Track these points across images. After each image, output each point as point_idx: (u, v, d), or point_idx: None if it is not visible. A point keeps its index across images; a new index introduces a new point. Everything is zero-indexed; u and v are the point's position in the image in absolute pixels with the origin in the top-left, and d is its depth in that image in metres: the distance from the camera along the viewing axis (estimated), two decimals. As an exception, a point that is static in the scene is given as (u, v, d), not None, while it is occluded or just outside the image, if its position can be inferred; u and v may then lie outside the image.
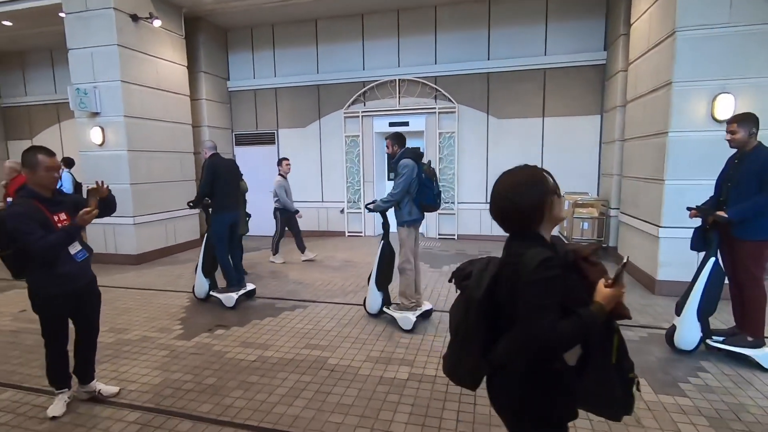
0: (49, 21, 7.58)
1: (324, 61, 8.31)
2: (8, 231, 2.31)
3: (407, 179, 3.76)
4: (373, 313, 4.16)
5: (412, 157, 3.85)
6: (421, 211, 3.93)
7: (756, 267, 3.02)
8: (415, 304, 3.95)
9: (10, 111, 10.21)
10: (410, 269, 3.93)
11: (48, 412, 2.56)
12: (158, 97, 6.96)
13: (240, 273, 4.78)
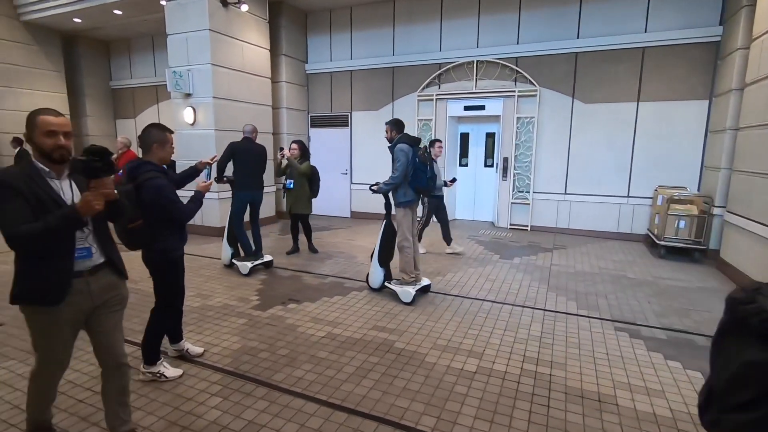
0: (151, 9, 8.25)
1: (400, 42, 8.19)
2: (151, 202, 2.49)
3: (404, 164, 4.02)
4: (376, 287, 4.42)
5: (408, 143, 4.11)
6: (416, 193, 4.18)
7: None
8: (414, 279, 4.27)
9: (118, 92, 11.40)
10: (408, 247, 4.24)
11: (170, 375, 2.76)
12: (243, 79, 7.33)
13: (258, 245, 5.22)
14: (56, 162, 1.79)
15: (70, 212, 1.68)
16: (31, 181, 1.72)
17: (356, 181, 8.99)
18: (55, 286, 1.78)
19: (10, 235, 1.64)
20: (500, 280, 4.84)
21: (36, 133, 1.76)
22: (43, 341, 1.86)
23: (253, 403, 2.50)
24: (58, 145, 1.77)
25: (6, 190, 1.67)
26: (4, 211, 1.65)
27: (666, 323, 3.72)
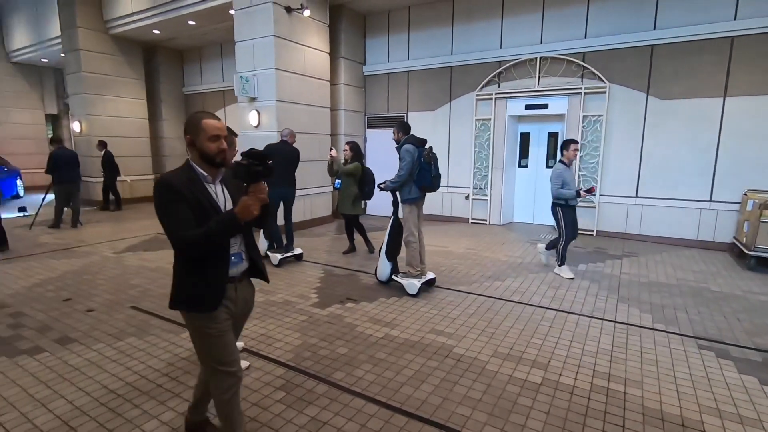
0: (221, 18, 8.77)
1: (459, 41, 8.06)
2: None
3: (409, 164, 4.21)
4: (384, 280, 4.64)
5: (414, 144, 4.29)
6: (421, 191, 4.35)
7: None
8: (420, 273, 4.47)
9: (190, 97, 12.23)
10: (414, 242, 4.42)
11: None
12: (304, 82, 7.56)
13: (289, 239, 5.62)
14: (217, 166, 1.79)
15: (231, 217, 1.65)
16: (192, 185, 1.73)
17: (411, 181, 8.94)
18: (213, 291, 1.77)
19: (176, 240, 1.66)
20: (564, 288, 4.59)
21: (201, 137, 1.74)
22: (210, 347, 1.83)
23: (315, 400, 2.54)
24: (221, 149, 1.77)
25: (174, 195, 1.67)
26: (171, 215, 1.67)
27: (761, 344, 3.33)
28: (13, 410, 2.42)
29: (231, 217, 1.66)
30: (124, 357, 3.05)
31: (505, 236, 7.16)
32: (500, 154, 7.90)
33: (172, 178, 1.71)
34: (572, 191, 4.78)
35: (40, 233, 7.32)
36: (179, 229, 1.65)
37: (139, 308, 3.97)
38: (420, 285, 4.34)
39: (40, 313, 3.84)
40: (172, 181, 1.69)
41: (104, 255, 5.93)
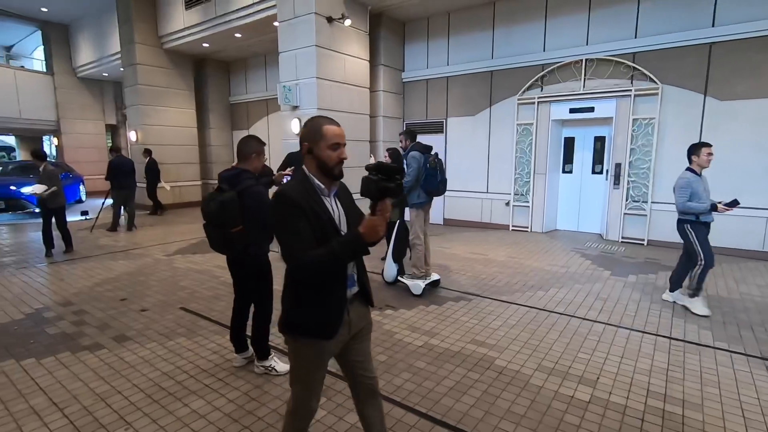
0: (266, 30, 9.09)
1: (500, 45, 7.92)
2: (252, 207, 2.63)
3: (416, 170, 4.39)
4: (390, 281, 4.84)
5: (420, 150, 4.46)
6: (428, 195, 4.50)
7: None
8: (425, 274, 4.61)
9: (235, 107, 12.74)
10: (420, 244, 4.57)
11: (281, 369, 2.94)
12: (344, 90, 7.69)
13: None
14: (335, 177, 1.61)
15: (356, 239, 1.47)
16: (310, 199, 1.56)
17: (450, 187, 8.84)
18: (332, 318, 1.61)
19: (296, 260, 1.50)
20: (613, 300, 4.37)
21: (321, 145, 1.57)
22: (308, 376, 1.69)
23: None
24: (342, 158, 1.60)
25: (295, 209, 1.51)
26: (291, 232, 1.50)
27: (841, 368, 3.02)
28: (77, 403, 2.59)
29: (356, 238, 1.47)
30: (174, 356, 3.19)
31: (549, 244, 6.93)
32: (543, 159, 7.66)
33: (291, 191, 1.54)
34: (705, 205, 3.87)
35: (100, 236, 7.84)
36: (300, 248, 1.49)
37: (188, 309, 4.15)
38: (424, 286, 4.51)
39: (99, 311, 4.10)
40: (292, 194, 1.53)
41: (156, 257, 6.26)
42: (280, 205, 1.53)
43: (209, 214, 2.63)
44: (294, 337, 1.66)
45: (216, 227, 2.66)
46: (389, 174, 1.49)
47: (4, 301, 4.39)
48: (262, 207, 2.69)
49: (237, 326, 3.02)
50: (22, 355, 3.20)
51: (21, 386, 2.77)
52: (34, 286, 4.88)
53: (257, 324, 2.93)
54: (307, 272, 1.52)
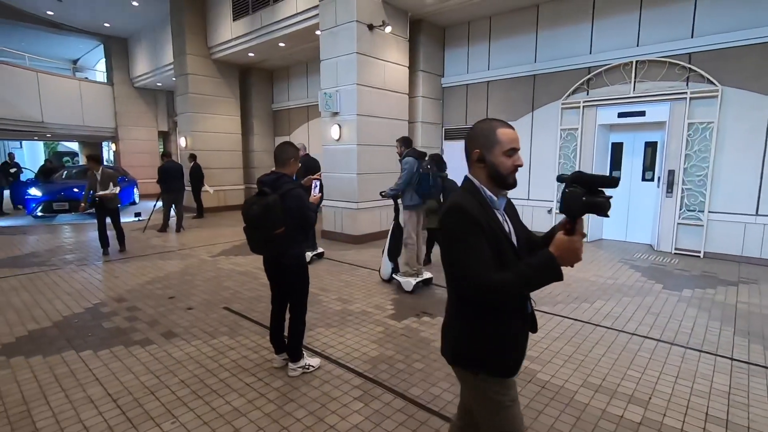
0: (308, 39, 9.33)
1: (543, 48, 7.72)
2: (294, 209, 2.75)
3: (408, 174, 4.67)
4: (386, 279, 5.14)
5: (415, 156, 4.78)
6: (420, 198, 4.76)
7: None
8: (416, 272, 4.91)
9: (277, 113, 13.14)
10: (412, 244, 4.87)
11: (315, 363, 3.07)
12: (383, 96, 7.75)
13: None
14: (511, 187, 1.42)
15: (550, 263, 1.26)
16: (485, 214, 1.37)
17: (489, 194, 8.70)
18: (517, 352, 1.43)
19: (478, 284, 1.28)
20: (665, 315, 4.10)
21: (495, 151, 1.39)
22: (494, 416, 1.44)
23: (392, 414, 2.53)
24: (517, 165, 1.41)
25: (474, 226, 1.32)
26: (471, 252, 1.30)
27: None
28: (128, 395, 2.72)
29: (551, 261, 1.26)
30: (217, 354, 3.30)
31: (594, 254, 6.63)
32: (588, 165, 7.36)
33: (468, 204, 1.36)
34: None
35: (151, 236, 8.28)
36: (482, 270, 1.28)
37: (231, 309, 4.29)
38: (415, 283, 4.79)
39: (150, 308, 4.32)
40: (470, 208, 1.34)
41: (201, 258, 6.53)
42: (458, 221, 1.34)
43: (252, 217, 2.68)
44: (469, 372, 1.44)
45: (258, 229, 2.71)
46: (590, 185, 1.25)
47: (66, 295, 4.72)
48: (302, 209, 2.82)
49: (276, 328, 3.09)
50: (81, 346, 3.42)
51: (79, 376, 2.95)
52: (93, 282, 5.22)
53: (293, 325, 2.99)
54: (489, 296, 1.31)
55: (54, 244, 7.62)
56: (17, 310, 4.25)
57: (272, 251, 2.83)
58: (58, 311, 4.22)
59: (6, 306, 4.35)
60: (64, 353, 3.30)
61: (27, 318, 4.03)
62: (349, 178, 7.49)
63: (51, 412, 2.53)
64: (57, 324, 3.89)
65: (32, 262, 6.24)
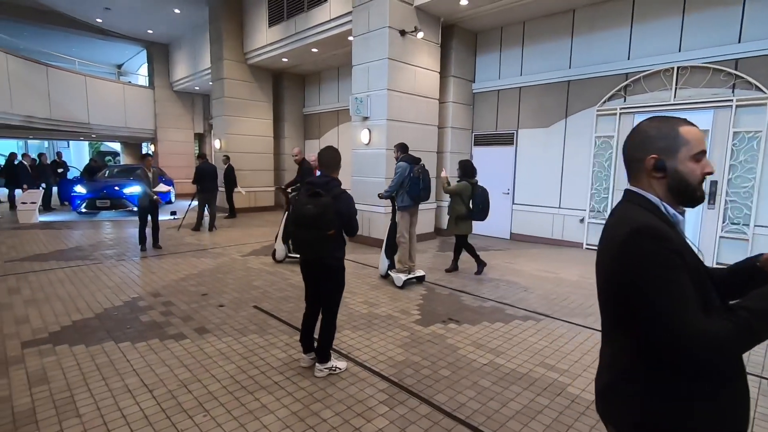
0: (341, 44, 9.48)
1: (578, 54, 7.55)
2: (345, 212, 2.83)
3: (399, 177, 5.07)
4: (383, 275, 5.51)
5: (408, 161, 5.16)
6: (412, 200, 5.15)
7: None
8: (408, 269, 5.31)
9: (308, 117, 13.39)
10: (404, 243, 5.27)
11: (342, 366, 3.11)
12: (413, 101, 7.77)
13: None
14: (698, 202, 1.10)
15: None
16: (679, 239, 1.05)
17: (519, 201, 8.56)
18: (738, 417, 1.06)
19: (694, 338, 0.93)
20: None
21: (682, 154, 1.08)
22: None
23: (417, 420, 2.52)
24: (707, 173, 1.09)
25: (676, 258, 0.99)
26: (676, 293, 0.96)
27: None
28: (163, 387, 2.83)
29: None
30: (247, 351, 3.39)
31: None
32: (623, 174, 7.13)
33: (660, 227, 1.03)
34: None
35: (185, 234, 8.58)
36: (694, 319, 0.94)
37: (260, 308, 4.39)
38: (405, 279, 5.14)
39: (184, 304, 4.48)
40: (666, 233, 1.01)
41: (233, 257, 6.71)
42: (655, 251, 0.99)
43: (308, 216, 2.72)
44: None
45: (311, 229, 2.74)
46: None
47: (107, 288, 4.95)
48: (352, 213, 2.92)
49: (308, 328, 3.14)
50: (120, 338, 3.58)
51: (118, 366, 3.09)
52: (131, 277, 5.46)
53: (325, 326, 3.03)
54: (705, 353, 0.94)
55: (96, 239, 8.02)
56: (63, 300, 4.49)
57: (320, 252, 2.85)
58: (100, 303, 4.43)
59: (53, 297, 4.61)
60: (104, 344, 3.46)
61: (71, 309, 4.26)
62: (378, 182, 7.53)
63: (92, 399, 2.67)
64: (98, 315, 4.09)
65: (76, 255, 6.59)
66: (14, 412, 2.51)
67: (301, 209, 2.77)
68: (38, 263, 6.07)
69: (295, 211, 2.82)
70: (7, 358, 3.19)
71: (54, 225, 9.53)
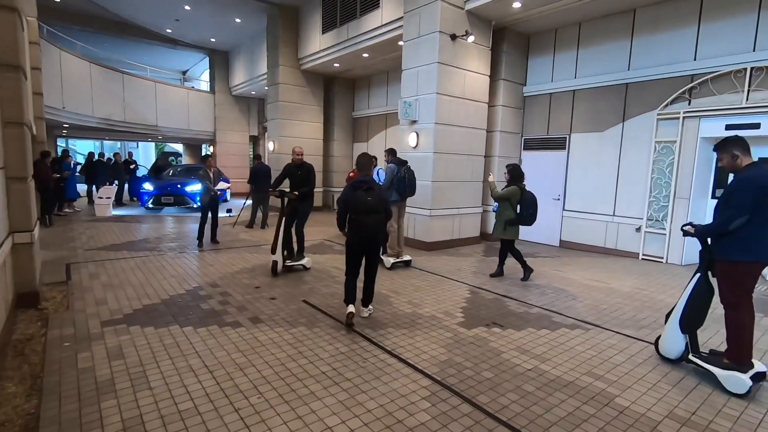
0: (391, 49, 9.66)
1: (639, 55, 7.22)
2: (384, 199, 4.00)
3: (390, 176, 6.07)
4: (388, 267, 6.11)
5: (396, 163, 6.18)
6: (399, 196, 6.16)
7: (726, 287, 3.04)
8: (396, 254, 6.28)
9: (357, 121, 13.69)
10: (393, 231, 6.19)
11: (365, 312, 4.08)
12: (462, 105, 7.77)
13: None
14: None
15: None
16: None
17: (569, 207, 8.30)
18: None
19: None
20: None
21: None
22: None
23: (459, 418, 2.57)
24: None
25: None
26: None
27: None
28: (222, 369, 3.07)
29: None
30: (296, 342, 3.58)
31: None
32: (687, 181, 6.73)
33: None
34: None
35: (240, 231, 9.08)
36: None
37: (308, 302, 4.60)
38: (393, 262, 6.13)
39: (239, 295, 4.78)
40: None
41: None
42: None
43: (370, 206, 3.81)
44: None
45: (376, 213, 3.84)
46: None
47: (171, 277, 5.38)
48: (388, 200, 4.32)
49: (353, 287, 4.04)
50: (184, 323, 3.90)
51: (183, 348, 3.39)
52: (192, 268, 5.89)
53: (372, 277, 4.14)
54: None
55: (161, 232, 8.69)
56: (134, 286, 4.94)
57: (381, 229, 3.95)
58: (165, 290, 4.83)
59: (126, 282, 5.08)
60: (170, 327, 3.79)
61: (141, 294, 4.68)
62: (424, 185, 7.60)
63: (161, 375, 2.95)
64: (164, 301, 4.47)
65: (145, 246, 7.19)
66: (97, 381, 2.83)
67: (363, 201, 3.80)
68: (113, 252, 6.69)
69: (357, 203, 3.80)
70: (90, 334, 3.58)
71: (125, 218, 10.42)
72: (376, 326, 3.97)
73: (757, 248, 2.88)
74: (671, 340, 3.35)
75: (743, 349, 2.98)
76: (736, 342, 3.02)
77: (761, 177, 2.84)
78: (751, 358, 3.01)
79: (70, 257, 6.26)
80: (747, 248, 2.89)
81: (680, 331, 3.29)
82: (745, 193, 2.84)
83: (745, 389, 2.88)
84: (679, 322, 3.28)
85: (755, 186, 2.82)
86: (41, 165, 8.03)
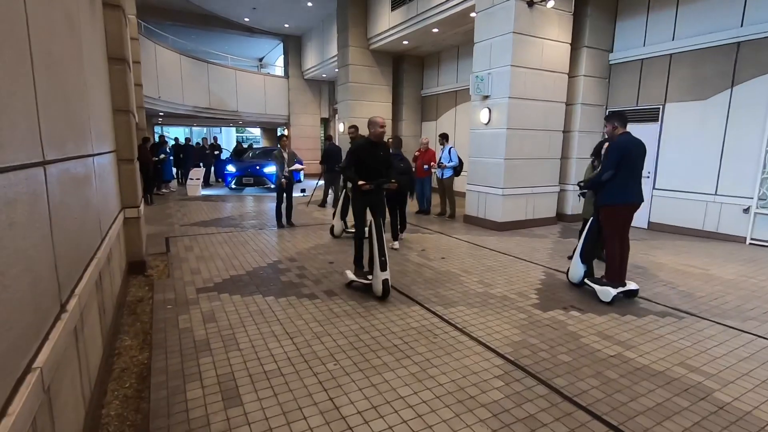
0: (462, 22, 9.29)
1: (755, 7, 6.22)
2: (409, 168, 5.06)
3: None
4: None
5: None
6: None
7: (605, 225, 4.05)
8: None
9: (426, 99, 13.48)
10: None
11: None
12: (539, 77, 7.30)
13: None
14: None
15: None
16: None
17: (660, 186, 7.54)
18: None
19: None
20: None
21: None
22: None
23: (534, 399, 2.51)
24: None
25: None
26: None
27: None
28: (301, 336, 3.28)
29: None
30: (369, 315, 3.70)
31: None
32: (813, 155, 5.76)
33: None
34: None
35: (313, 210, 9.49)
36: None
37: (379, 279, 4.70)
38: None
39: (314, 269, 5.03)
40: None
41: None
42: None
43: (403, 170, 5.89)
44: None
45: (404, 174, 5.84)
46: None
47: (254, 252, 5.80)
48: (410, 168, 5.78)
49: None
50: (267, 293, 4.20)
51: (266, 315, 3.66)
52: (271, 243, 6.29)
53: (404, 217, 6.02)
54: None
55: (243, 211, 9.36)
56: (222, 259, 5.41)
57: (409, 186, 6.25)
58: (249, 263, 5.23)
59: (215, 255, 5.58)
60: (254, 296, 4.11)
61: (229, 266, 5.11)
62: (496, 163, 7.33)
63: (248, 338, 3.22)
64: (248, 273, 4.85)
65: (230, 223, 7.81)
66: (195, 340, 3.17)
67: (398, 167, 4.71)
68: (204, 228, 7.36)
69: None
70: (188, 299, 4.00)
71: (211, 198, 11.36)
72: (447, 304, 3.97)
73: (623, 194, 3.90)
74: (575, 269, 4.35)
75: (615, 270, 4.02)
76: (611, 266, 4.05)
77: (625, 143, 3.84)
78: (623, 279, 4.06)
79: (168, 232, 7.00)
80: (614, 195, 3.91)
81: (581, 262, 4.27)
82: (613, 154, 3.86)
83: (609, 298, 3.95)
84: (580, 255, 4.27)
85: (620, 150, 3.83)
86: (143, 149, 8.97)
